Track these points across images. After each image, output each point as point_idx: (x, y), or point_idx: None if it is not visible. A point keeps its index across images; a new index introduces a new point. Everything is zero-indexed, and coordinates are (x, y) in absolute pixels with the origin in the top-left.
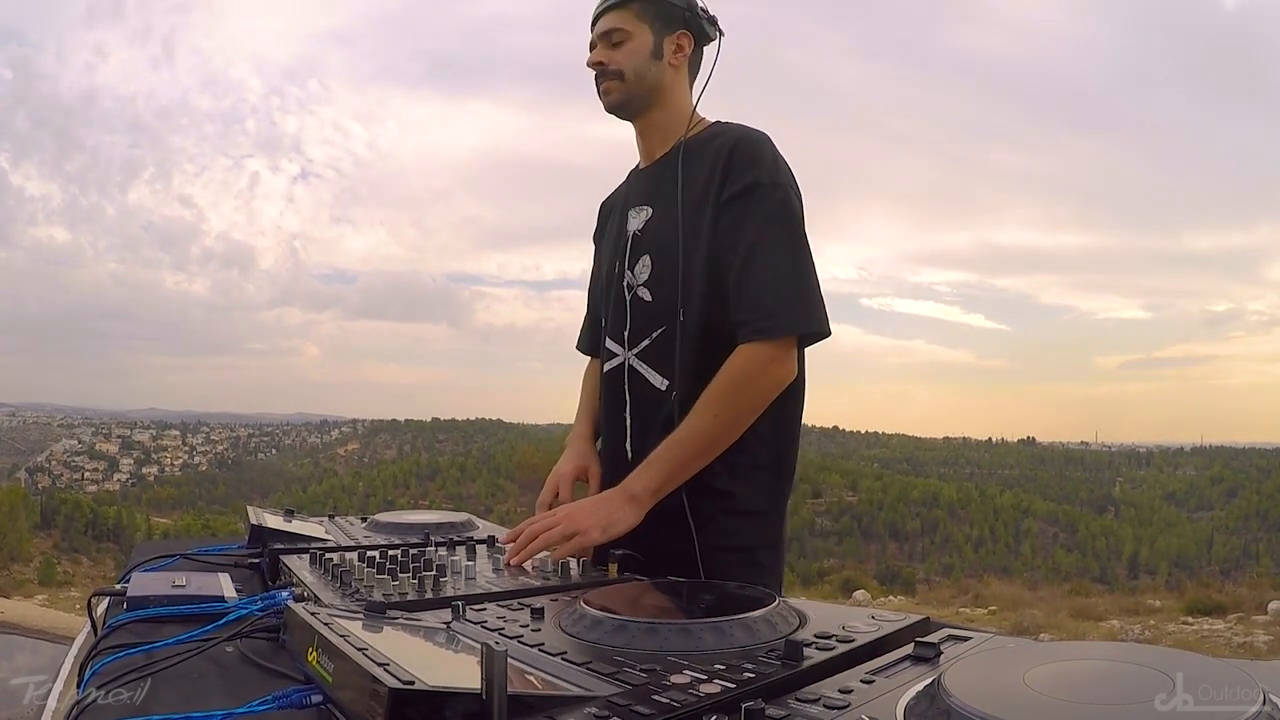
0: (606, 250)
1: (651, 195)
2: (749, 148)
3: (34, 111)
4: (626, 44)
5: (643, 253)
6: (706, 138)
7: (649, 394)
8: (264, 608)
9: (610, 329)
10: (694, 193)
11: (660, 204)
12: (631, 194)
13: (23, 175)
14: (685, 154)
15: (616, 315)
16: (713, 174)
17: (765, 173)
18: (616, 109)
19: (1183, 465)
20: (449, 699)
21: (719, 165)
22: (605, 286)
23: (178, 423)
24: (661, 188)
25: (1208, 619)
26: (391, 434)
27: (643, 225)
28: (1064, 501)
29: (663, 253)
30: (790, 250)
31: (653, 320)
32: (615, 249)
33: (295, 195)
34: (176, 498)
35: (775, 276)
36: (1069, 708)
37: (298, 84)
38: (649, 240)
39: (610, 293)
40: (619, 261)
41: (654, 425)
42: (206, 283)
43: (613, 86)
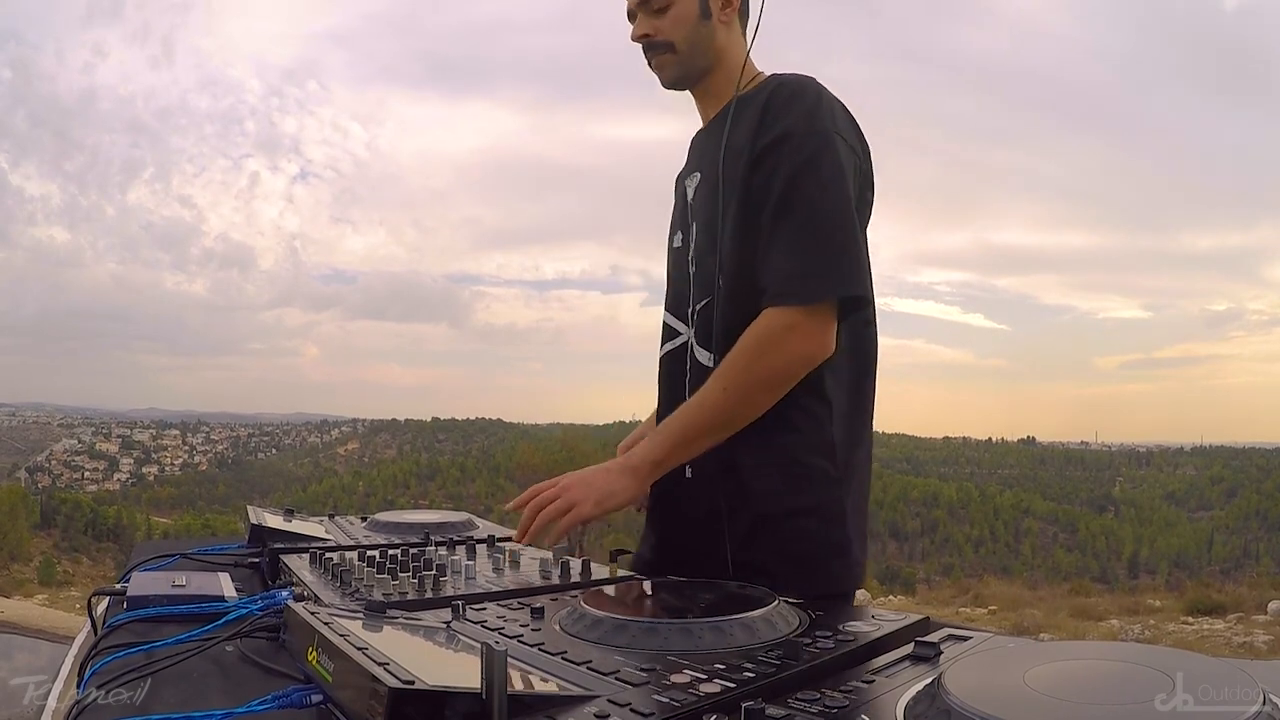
0: (671, 224)
1: (702, 160)
2: (785, 92)
3: (33, 111)
4: (671, 9)
5: (692, 221)
6: (754, 93)
7: (700, 373)
8: (264, 607)
9: (672, 305)
10: (734, 151)
11: (706, 168)
12: (689, 160)
13: (22, 175)
14: (734, 112)
15: (680, 292)
16: (750, 129)
17: (800, 119)
18: (674, 84)
19: (1183, 465)
20: (449, 699)
21: (755, 118)
22: (671, 262)
23: (178, 423)
24: (708, 150)
25: (1208, 619)
26: (391, 434)
27: (694, 193)
28: (1064, 501)
29: (706, 219)
30: (821, 203)
31: (699, 293)
32: (676, 219)
33: (295, 196)
34: (176, 497)
35: (802, 234)
36: (1069, 708)
37: (297, 84)
38: (698, 208)
39: (673, 267)
40: (680, 234)
41: None
42: (206, 283)
43: (665, 61)
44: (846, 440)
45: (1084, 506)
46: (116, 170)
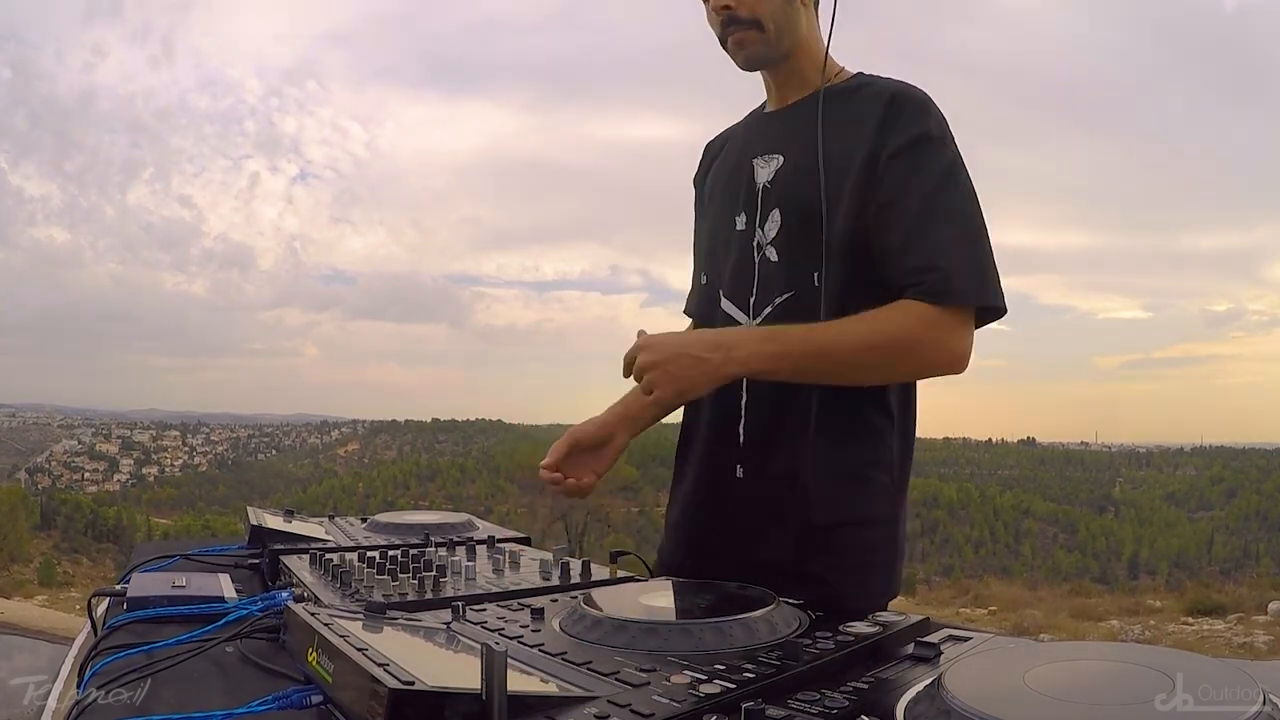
0: (721, 201)
1: (784, 142)
2: (915, 97)
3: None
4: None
5: (772, 207)
6: (852, 86)
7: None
8: (264, 608)
9: (731, 292)
10: (839, 144)
11: (795, 153)
12: (757, 139)
13: (22, 175)
14: (827, 100)
15: (741, 277)
16: (864, 125)
17: (936, 125)
18: (756, 65)
19: (1183, 465)
20: (449, 699)
21: (874, 116)
22: (724, 243)
23: (178, 423)
24: (798, 135)
25: (1208, 619)
26: (391, 434)
27: (773, 175)
28: (1064, 501)
29: (795, 208)
30: (970, 212)
31: (779, 284)
32: (737, 201)
33: (294, 196)
34: (176, 498)
35: (955, 238)
36: (1069, 708)
37: (296, 84)
38: (779, 192)
39: (731, 250)
40: (744, 215)
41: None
42: (206, 283)
43: (749, 38)
44: (903, 453)
45: (1084, 507)
46: (116, 170)
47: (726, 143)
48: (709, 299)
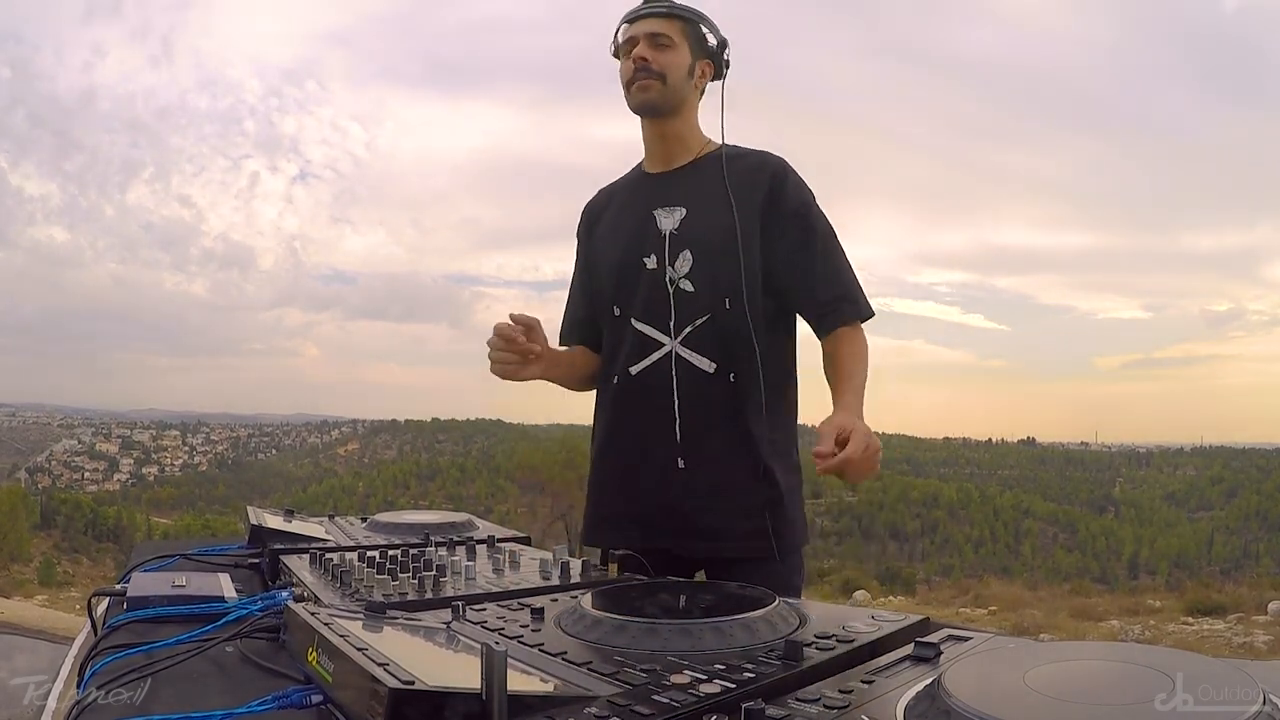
0: (623, 243)
1: (684, 197)
2: (793, 172)
3: (32, 111)
4: (671, 50)
5: (683, 248)
6: (737, 154)
7: (696, 379)
8: (264, 608)
9: (646, 318)
10: (743, 201)
11: (697, 206)
12: (654, 194)
13: (22, 175)
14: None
15: (656, 306)
16: (759, 187)
17: (811, 195)
18: (647, 108)
19: (1183, 465)
20: (449, 699)
21: (765, 181)
22: (631, 279)
23: (178, 423)
24: (694, 191)
25: (1208, 619)
26: (391, 434)
27: (678, 224)
28: (1064, 502)
29: (706, 249)
30: (845, 255)
31: (696, 309)
32: (644, 245)
33: (294, 196)
34: (176, 498)
35: (848, 274)
36: (1069, 708)
37: (296, 84)
38: (688, 237)
39: (641, 285)
40: (654, 257)
41: (705, 405)
42: (206, 283)
43: (652, 85)
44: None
45: (1084, 507)
46: (116, 170)
47: (607, 200)
48: (620, 325)
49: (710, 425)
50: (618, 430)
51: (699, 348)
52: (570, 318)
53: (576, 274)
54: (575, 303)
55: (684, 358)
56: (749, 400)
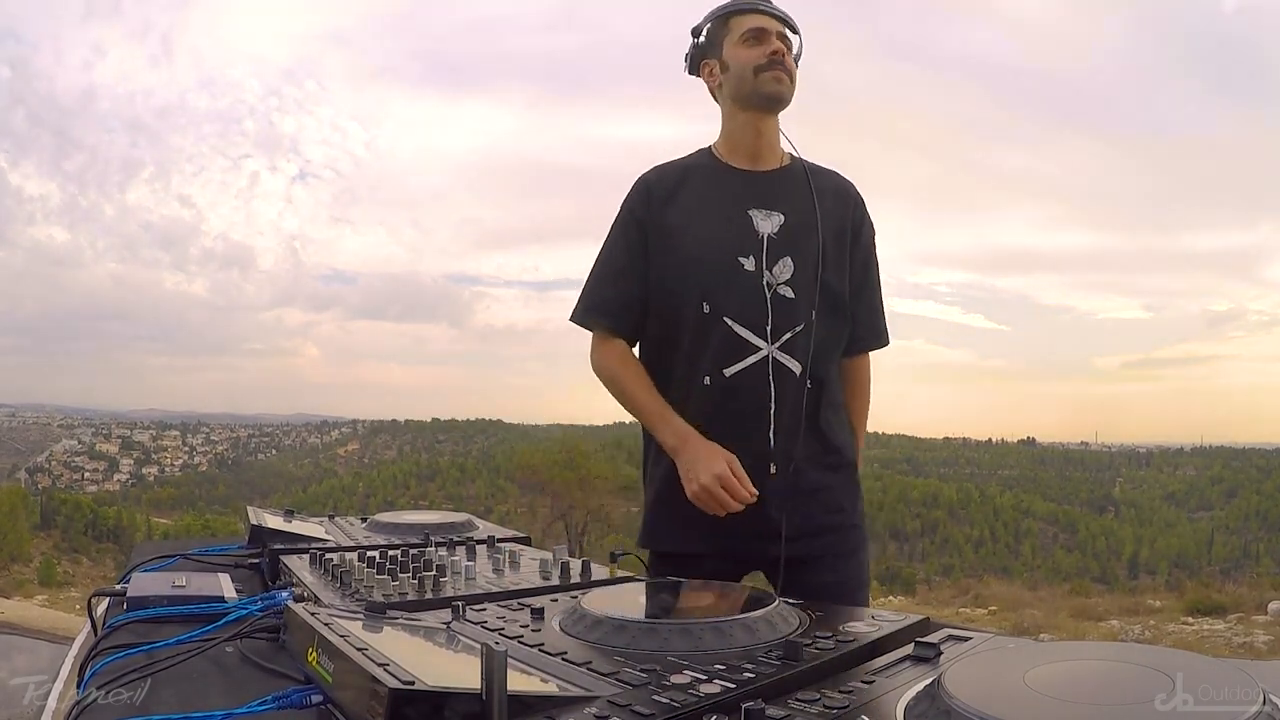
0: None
1: (781, 202)
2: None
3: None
4: (792, 52)
5: (783, 254)
6: (821, 170)
7: (791, 384)
8: (264, 608)
9: (743, 321)
10: (834, 218)
11: (795, 214)
12: (748, 193)
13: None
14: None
15: (753, 309)
16: (847, 209)
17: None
18: (780, 101)
19: (1183, 465)
20: (449, 699)
21: (850, 208)
22: (726, 278)
23: (178, 423)
24: (792, 199)
25: (1208, 619)
26: (391, 434)
27: (777, 229)
28: (1064, 502)
29: (804, 258)
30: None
31: (793, 316)
32: (739, 244)
33: (294, 196)
34: (176, 498)
35: (882, 306)
36: (1069, 708)
37: (295, 84)
38: (787, 243)
39: (736, 285)
40: (751, 259)
41: (796, 411)
42: (206, 283)
43: (786, 79)
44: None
45: (1084, 507)
46: (116, 170)
47: (678, 182)
48: (711, 323)
49: (799, 432)
50: (707, 433)
51: (793, 354)
52: (617, 297)
53: (623, 251)
54: (623, 284)
55: (780, 363)
56: (829, 407)
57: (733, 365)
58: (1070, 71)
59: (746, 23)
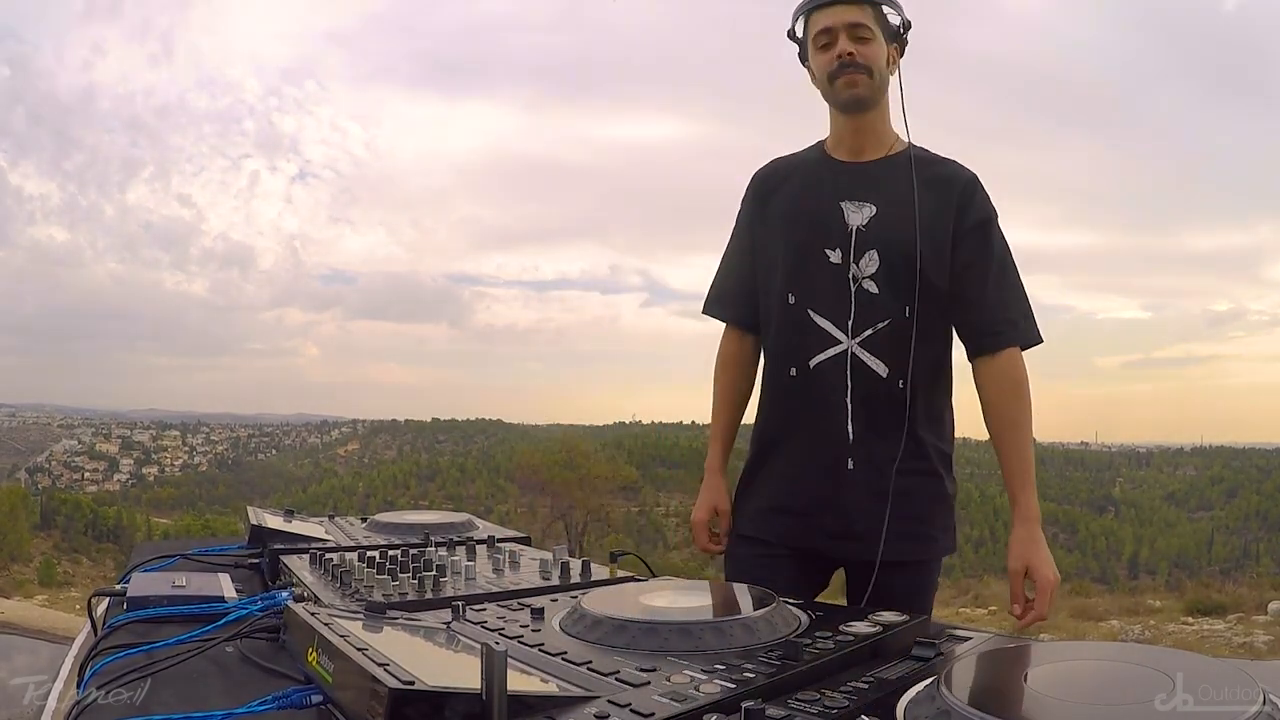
0: (805, 230)
1: (875, 194)
2: (982, 188)
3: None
4: (872, 42)
5: (870, 247)
6: (929, 159)
7: (872, 380)
8: (264, 608)
9: (827, 313)
10: (930, 209)
11: (886, 205)
12: (843, 185)
13: (21, 174)
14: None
15: (838, 303)
16: (948, 199)
17: (993, 213)
18: (859, 104)
19: (1183, 465)
20: (449, 699)
21: (954, 192)
22: (814, 270)
23: (178, 423)
24: (885, 190)
25: (1208, 619)
26: (391, 434)
27: (867, 221)
28: (1064, 502)
29: (893, 251)
30: (1019, 278)
31: (877, 312)
32: (828, 236)
33: (294, 196)
34: (176, 498)
35: (1019, 295)
36: (1069, 708)
37: (295, 84)
38: (875, 237)
39: (823, 278)
40: (839, 251)
41: (877, 408)
42: (206, 283)
43: (862, 80)
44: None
45: (1084, 507)
46: (116, 169)
47: (784, 175)
48: (796, 315)
49: (880, 429)
50: (791, 422)
51: (875, 350)
52: (737, 289)
53: (739, 243)
54: (741, 275)
55: (860, 358)
56: (919, 407)
57: (815, 358)
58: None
59: (817, 23)
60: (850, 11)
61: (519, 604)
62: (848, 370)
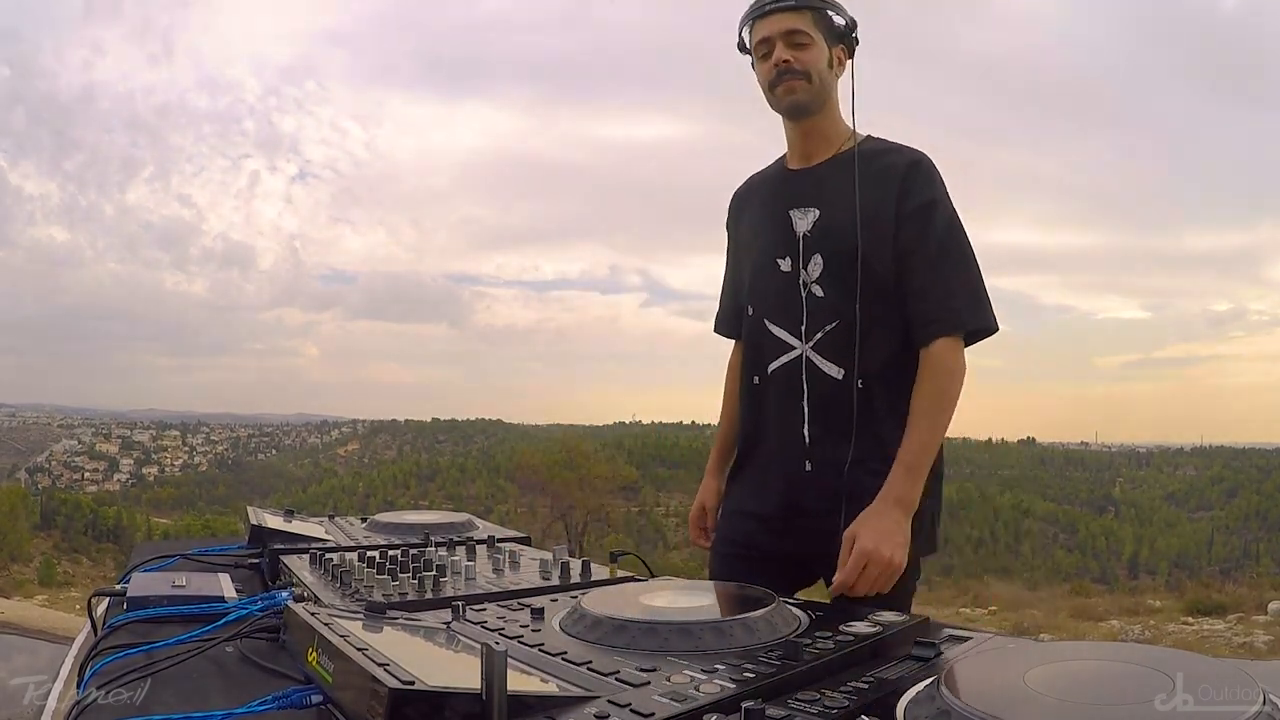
0: (761, 243)
1: (819, 197)
2: (925, 169)
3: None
4: (810, 48)
5: (815, 251)
6: (874, 151)
7: (825, 384)
8: (264, 608)
9: (779, 321)
10: (871, 203)
11: (829, 207)
12: (791, 193)
13: (21, 174)
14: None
15: (789, 310)
16: (888, 187)
17: (939, 192)
18: (799, 110)
19: (1183, 465)
20: (449, 699)
21: (895, 180)
22: (766, 281)
23: (178, 423)
24: (828, 192)
25: (1208, 619)
26: (391, 434)
27: (812, 225)
28: (1064, 501)
29: (836, 252)
30: (968, 256)
31: (826, 314)
32: (779, 246)
33: (294, 196)
34: (176, 498)
35: (963, 280)
36: (1069, 708)
37: (295, 84)
38: (819, 240)
39: (772, 287)
40: (788, 259)
41: (833, 410)
42: (206, 283)
43: (800, 86)
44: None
45: (1084, 507)
46: (115, 169)
47: (751, 193)
48: (754, 325)
49: (837, 430)
50: (757, 429)
51: (828, 353)
52: (729, 305)
53: (728, 262)
54: (727, 294)
55: (814, 362)
56: (878, 406)
57: (771, 364)
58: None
59: (757, 33)
60: (787, 19)
61: (519, 604)
62: (803, 375)
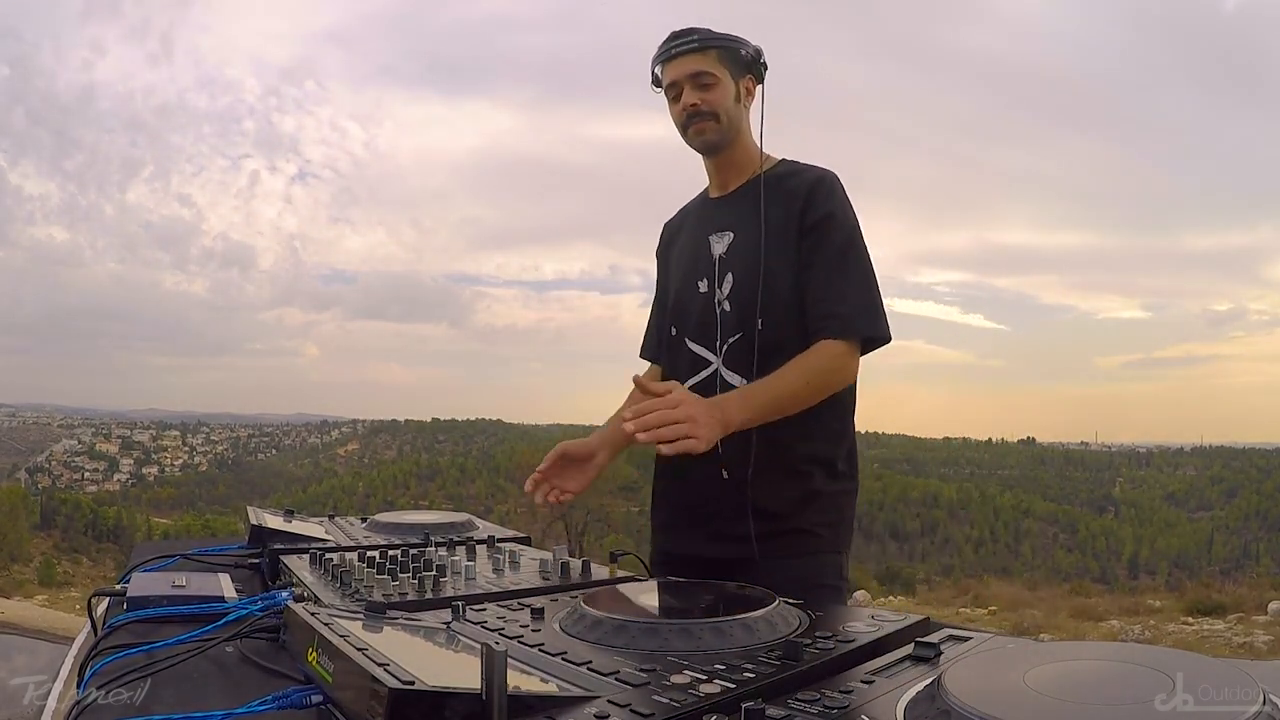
0: (684, 269)
1: (733, 221)
2: (827, 185)
3: (31, 109)
4: (716, 87)
5: (728, 271)
6: (782, 174)
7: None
8: (264, 608)
9: (697, 338)
10: (776, 222)
11: (741, 230)
12: (710, 221)
13: (20, 174)
14: (765, 188)
15: (705, 327)
16: (793, 205)
17: (839, 207)
18: (711, 148)
19: (1183, 465)
20: (449, 699)
21: (799, 201)
22: (688, 302)
23: (178, 423)
24: (742, 216)
25: (1208, 619)
26: (391, 434)
27: (726, 248)
28: (1064, 501)
29: (744, 270)
30: (864, 268)
31: (732, 329)
32: (699, 270)
33: (294, 195)
34: (176, 498)
35: (852, 289)
36: (1069, 708)
37: (295, 84)
38: (731, 261)
39: (692, 308)
40: (705, 281)
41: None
42: (206, 283)
43: (709, 127)
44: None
45: (1084, 507)
46: (115, 169)
47: (683, 223)
48: (676, 344)
49: (747, 437)
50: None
51: (735, 365)
52: (650, 336)
53: (656, 292)
54: (653, 321)
55: (725, 376)
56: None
57: (690, 380)
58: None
59: (666, 75)
60: (691, 61)
61: (519, 604)
62: (716, 388)
